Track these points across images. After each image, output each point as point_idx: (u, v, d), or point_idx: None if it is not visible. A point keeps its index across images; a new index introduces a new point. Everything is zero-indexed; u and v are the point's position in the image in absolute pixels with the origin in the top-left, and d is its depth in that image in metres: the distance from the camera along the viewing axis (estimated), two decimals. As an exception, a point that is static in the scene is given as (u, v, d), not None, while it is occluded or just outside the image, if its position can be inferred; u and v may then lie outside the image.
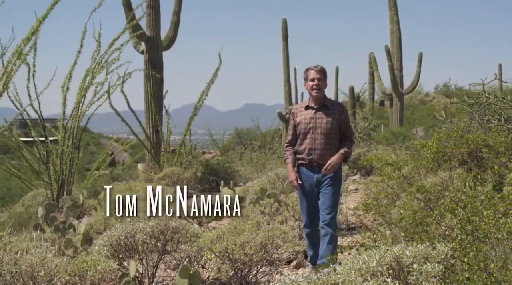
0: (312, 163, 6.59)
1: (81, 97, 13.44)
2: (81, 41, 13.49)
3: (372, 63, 32.01)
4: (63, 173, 13.30)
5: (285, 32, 27.70)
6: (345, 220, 9.34)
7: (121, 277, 6.24)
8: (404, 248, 3.94)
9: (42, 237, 8.64)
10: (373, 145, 18.01)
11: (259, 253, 6.34)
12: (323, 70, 6.63)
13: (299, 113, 6.74)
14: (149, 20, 16.88)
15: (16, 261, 4.87)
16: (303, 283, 3.72)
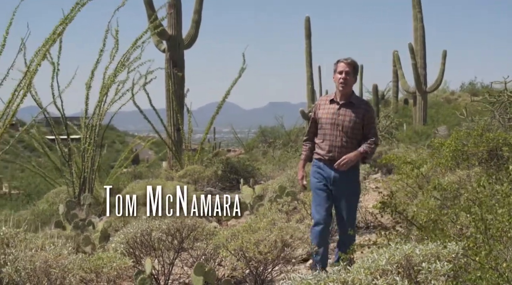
0: (331, 160, 6.17)
1: (103, 96, 13.53)
2: (104, 40, 13.57)
3: (395, 61, 31.86)
4: (85, 171, 13.39)
5: (308, 31, 27.67)
6: (363, 219, 9.31)
7: (137, 274, 6.29)
8: (414, 247, 3.93)
9: (61, 234, 8.75)
10: (395, 143, 17.93)
11: (273, 251, 6.35)
12: (353, 64, 6.20)
13: (322, 106, 6.35)
14: (170, 18, 16.95)
15: (31, 257, 4.92)
16: (312, 281, 3.71)
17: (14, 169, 36.93)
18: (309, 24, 27.68)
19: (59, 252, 5.14)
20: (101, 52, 13.48)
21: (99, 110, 13.57)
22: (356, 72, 6.29)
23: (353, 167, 6.17)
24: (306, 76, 27.60)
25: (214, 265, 6.90)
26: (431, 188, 6.04)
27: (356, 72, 6.30)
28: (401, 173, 8.37)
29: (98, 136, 13.72)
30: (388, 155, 8.66)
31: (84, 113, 13.72)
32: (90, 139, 13.43)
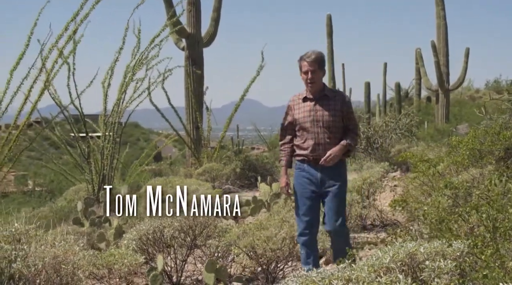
0: (316, 160, 5.72)
1: (121, 94, 13.61)
2: (123, 38, 13.65)
3: (418, 59, 31.66)
4: (104, 168, 13.49)
5: (330, 28, 27.62)
6: (379, 217, 9.30)
7: (149, 271, 6.34)
8: (419, 245, 3.92)
9: (77, 231, 8.83)
10: (414, 141, 17.84)
11: (283, 248, 6.37)
12: (317, 60, 5.76)
13: (296, 106, 5.94)
14: (189, 16, 17.01)
15: (40, 253, 4.97)
16: (317, 278, 3.72)
17: (39, 166, 37.27)
18: (330, 22, 27.62)
19: (69, 249, 5.18)
20: (120, 51, 13.57)
21: (118, 108, 13.66)
22: (322, 66, 5.86)
23: (340, 162, 5.81)
24: (328, 74, 27.51)
25: (226, 262, 6.93)
26: (443, 186, 5.99)
27: (322, 65, 5.88)
28: (417, 171, 8.32)
29: (117, 134, 13.80)
30: (404, 153, 8.60)
31: (103, 111, 13.82)
32: (109, 136, 13.52)
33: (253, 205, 10.50)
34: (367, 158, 16.97)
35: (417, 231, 5.77)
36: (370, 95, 33.46)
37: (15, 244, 5.14)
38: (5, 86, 10.29)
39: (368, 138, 17.69)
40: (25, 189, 31.52)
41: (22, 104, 10.47)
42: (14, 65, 10.36)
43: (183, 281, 6.83)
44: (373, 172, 10.65)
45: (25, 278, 4.96)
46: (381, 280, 3.55)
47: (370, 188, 9.58)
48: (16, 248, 5.01)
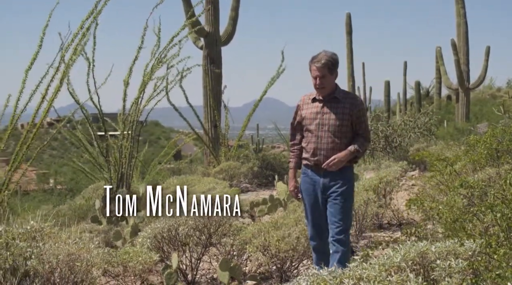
0: (317, 165, 5.52)
1: (140, 92, 13.66)
2: (142, 37, 13.69)
3: (438, 57, 31.47)
4: (123, 166, 13.54)
5: (349, 27, 27.56)
6: (396, 216, 9.28)
7: (164, 269, 6.38)
8: (430, 244, 3.91)
9: (94, 229, 8.90)
10: (433, 140, 17.77)
11: (296, 247, 6.37)
12: (327, 64, 5.44)
13: (305, 106, 5.68)
14: (208, 15, 17.05)
15: (54, 251, 5.02)
16: (328, 277, 3.72)
17: (60, 165, 37.62)
18: (350, 20, 27.56)
19: (83, 246, 5.22)
20: (139, 49, 13.61)
21: (136, 106, 13.71)
22: (333, 69, 5.53)
23: (345, 168, 5.53)
24: (347, 73, 27.46)
25: (241, 261, 6.95)
26: (458, 185, 5.96)
27: (334, 68, 5.53)
28: (433, 170, 8.30)
29: (135, 133, 13.85)
30: (420, 152, 8.58)
31: (122, 110, 13.88)
32: (127, 135, 13.57)
33: (270, 204, 10.52)
34: (385, 157, 16.94)
35: (432, 230, 5.77)
36: (389, 94, 33.38)
37: (30, 241, 5.20)
38: (21, 85, 10.38)
39: (387, 137, 17.65)
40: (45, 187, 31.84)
41: (40, 102, 10.56)
42: (28, 65, 10.44)
43: (198, 279, 6.85)
44: (390, 171, 10.61)
45: (40, 275, 5.02)
46: (391, 279, 3.55)
47: (387, 187, 9.54)
48: (31, 246, 5.07)
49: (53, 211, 13.24)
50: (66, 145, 42.33)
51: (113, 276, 6.34)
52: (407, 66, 38.46)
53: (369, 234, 8.56)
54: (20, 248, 4.97)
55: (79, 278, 5.21)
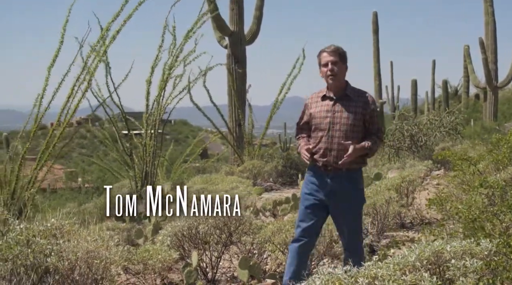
0: (326, 166, 5.14)
1: (160, 90, 13.74)
2: (162, 36, 13.75)
3: (465, 56, 31.21)
4: (147, 165, 13.63)
5: (376, 26, 27.42)
6: (418, 215, 9.22)
7: (184, 267, 6.42)
8: (445, 244, 3.89)
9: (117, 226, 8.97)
10: (459, 139, 17.62)
11: (316, 246, 6.36)
12: (338, 51, 5.18)
13: (314, 104, 5.33)
14: (232, 14, 17.08)
15: (73, 248, 5.08)
16: (342, 275, 3.72)
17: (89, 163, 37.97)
18: (376, 19, 27.43)
19: (102, 244, 5.28)
20: (160, 48, 13.68)
21: (158, 105, 13.79)
22: (344, 60, 5.25)
23: (354, 171, 5.22)
24: (374, 72, 27.35)
25: (262, 259, 6.96)
26: (477, 185, 5.91)
27: (345, 59, 5.26)
28: (456, 170, 8.23)
29: (158, 131, 13.93)
30: (443, 152, 8.50)
31: (145, 108, 13.97)
32: (150, 134, 13.66)
33: (293, 203, 10.53)
34: (410, 156, 16.81)
35: (452, 230, 5.73)
36: (416, 92, 33.19)
37: (50, 238, 5.27)
38: (44, 83, 10.50)
39: (412, 136, 17.53)
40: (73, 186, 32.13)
41: (65, 102, 10.67)
42: (51, 62, 10.56)
43: (218, 278, 6.86)
44: (414, 170, 10.56)
45: (60, 272, 5.08)
46: (406, 278, 3.54)
47: (409, 186, 9.49)
48: (51, 243, 5.14)
49: (78, 209, 13.39)
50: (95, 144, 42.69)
51: (133, 273, 6.39)
52: (435, 65, 38.20)
53: (392, 233, 8.52)
54: (41, 245, 5.03)
55: (99, 275, 5.27)
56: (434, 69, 37.77)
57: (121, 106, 13.92)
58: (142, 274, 6.30)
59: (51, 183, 33.86)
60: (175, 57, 13.65)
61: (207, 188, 11.94)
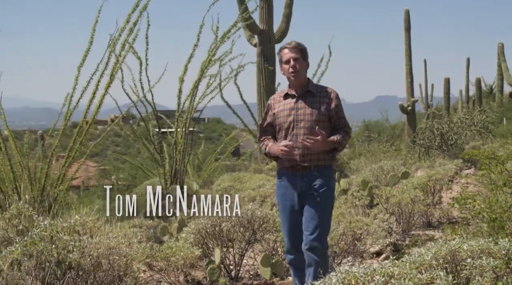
0: (294, 166, 4.97)
1: (193, 89, 13.83)
2: (198, 35, 13.84)
3: (499, 54, 30.84)
4: (176, 163, 13.73)
5: (408, 23, 27.15)
6: (445, 214, 9.18)
7: (207, 264, 6.46)
8: (462, 242, 3.88)
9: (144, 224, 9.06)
10: (490, 138, 17.46)
11: (339, 244, 6.38)
12: (299, 47, 5.05)
13: (277, 104, 5.16)
14: (262, 13, 17.11)
15: (95, 245, 5.15)
16: (359, 273, 3.73)
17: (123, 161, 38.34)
18: (408, 16, 27.16)
19: (123, 241, 5.35)
20: (195, 47, 13.78)
21: (190, 103, 13.89)
22: (305, 56, 5.11)
23: (325, 167, 5.00)
24: (405, 70, 27.06)
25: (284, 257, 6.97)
26: (501, 184, 5.88)
27: (306, 55, 5.12)
28: (484, 169, 8.17)
29: (188, 129, 14.02)
30: (470, 150, 8.45)
31: (176, 107, 14.08)
32: (181, 132, 13.76)
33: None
34: (441, 155, 16.71)
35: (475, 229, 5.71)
36: (449, 91, 32.87)
37: (73, 235, 5.35)
38: (74, 82, 10.64)
39: (442, 135, 17.41)
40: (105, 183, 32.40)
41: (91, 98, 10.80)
42: (80, 62, 10.69)
43: (242, 275, 6.89)
44: (442, 169, 10.51)
45: (82, 268, 5.16)
46: (421, 277, 3.54)
47: (436, 185, 9.44)
48: (73, 239, 5.22)
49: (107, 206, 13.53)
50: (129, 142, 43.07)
51: (156, 270, 6.46)
52: (469, 63, 37.81)
53: (417, 232, 8.49)
54: (64, 242, 5.11)
55: (122, 271, 5.34)
56: (468, 67, 37.39)
57: (153, 104, 14.07)
58: (165, 271, 6.35)
59: (84, 180, 34.29)
60: (211, 56, 13.75)
61: (234, 186, 12.01)
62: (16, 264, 5.06)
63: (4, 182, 11.18)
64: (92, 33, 10.82)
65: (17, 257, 5.04)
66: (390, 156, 18.64)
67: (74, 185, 31.30)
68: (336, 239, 6.36)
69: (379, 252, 7.33)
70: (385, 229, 7.53)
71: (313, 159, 4.93)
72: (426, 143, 17.72)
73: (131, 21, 11.25)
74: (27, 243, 5.05)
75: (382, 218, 7.77)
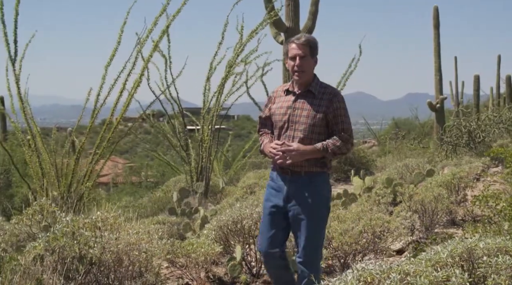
0: (284, 169, 4.63)
1: (220, 87, 13.90)
2: (222, 33, 13.91)
3: (531, 50, 30.44)
4: (202, 160, 13.81)
5: (437, 20, 26.89)
6: (470, 212, 9.11)
7: (229, 261, 6.50)
8: (478, 240, 3.87)
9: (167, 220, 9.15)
10: (518, 136, 17.31)
11: (359, 241, 6.36)
12: (309, 43, 4.62)
13: (277, 99, 4.83)
14: (288, 10, 17.00)
15: (115, 241, 5.22)
16: (375, 270, 3.74)
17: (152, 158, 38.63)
18: (437, 13, 26.90)
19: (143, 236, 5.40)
20: (220, 45, 13.85)
21: (216, 101, 13.97)
22: (314, 52, 4.69)
23: (315, 174, 4.63)
24: (434, 67, 26.78)
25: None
26: (523, 182, 5.84)
27: (315, 52, 4.70)
28: (510, 167, 8.10)
29: (214, 127, 14.09)
30: (495, 148, 8.38)
31: (202, 104, 14.16)
32: (207, 129, 13.83)
33: (344, 199, 10.52)
34: (469, 153, 16.58)
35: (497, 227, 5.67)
36: (479, 88, 32.50)
37: (95, 231, 5.42)
38: (101, 81, 10.78)
39: (470, 133, 17.27)
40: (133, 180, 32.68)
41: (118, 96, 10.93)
42: (108, 61, 10.82)
43: (263, 272, 6.91)
44: (468, 167, 10.44)
45: (103, 264, 5.23)
46: (437, 275, 3.54)
47: (461, 183, 9.37)
48: (95, 235, 5.29)
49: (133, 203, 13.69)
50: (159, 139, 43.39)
51: (178, 266, 6.50)
52: (500, 60, 37.35)
53: (441, 230, 8.44)
54: (85, 237, 5.18)
55: (143, 267, 5.41)
56: (499, 64, 36.94)
57: (178, 101, 14.18)
58: (186, 267, 6.39)
59: (114, 177, 34.64)
60: (237, 55, 13.82)
61: (259, 183, 12.05)
62: (39, 259, 5.13)
63: (32, 179, 11.37)
64: (120, 33, 10.96)
65: (39, 252, 5.12)
66: (417, 154, 18.53)
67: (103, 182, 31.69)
68: (354, 237, 6.35)
69: (401, 250, 7.31)
70: (407, 227, 7.51)
71: (304, 165, 4.57)
72: (453, 140, 17.60)
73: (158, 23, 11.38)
74: (50, 239, 5.13)
75: (405, 215, 7.75)
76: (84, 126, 12.64)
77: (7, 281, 4.68)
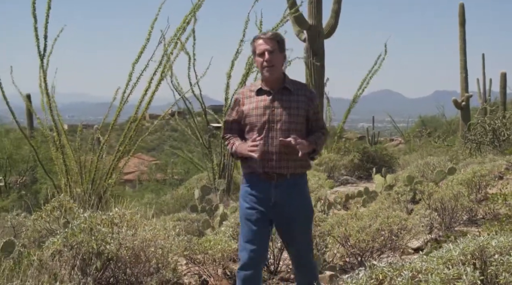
0: (268, 173, 4.40)
1: (241, 84, 13.94)
2: (243, 31, 13.95)
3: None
4: (224, 157, 13.87)
5: (462, 18, 26.68)
6: (492, 211, 9.05)
7: (246, 258, 6.52)
8: (491, 239, 3.87)
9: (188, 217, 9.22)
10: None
11: (376, 239, 6.36)
12: (276, 38, 4.47)
13: (247, 100, 4.53)
14: (311, 8, 17.02)
15: (132, 237, 5.28)
16: (386, 268, 3.75)
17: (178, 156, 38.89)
18: (463, 10, 26.68)
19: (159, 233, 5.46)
20: (241, 42, 13.88)
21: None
22: (282, 48, 4.54)
23: (300, 176, 4.54)
24: (460, 65, 26.59)
25: (324, 251, 6.98)
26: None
27: (283, 47, 4.54)
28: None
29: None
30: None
31: (224, 102, 14.22)
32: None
33: (365, 196, 10.52)
34: (493, 151, 16.45)
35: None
36: (505, 86, 32.16)
37: (113, 227, 5.49)
38: (127, 78, 10.87)
39: (495, 131, 17.12)
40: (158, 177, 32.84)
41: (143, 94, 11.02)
42: (136, 58, 10.91)
43: (281, 269, 6.93)
44: (489, 165, 10.36)
45: (118, 258, 5.30)
46: (448, 272, 3.54)
47: (482, 181, 9.30)
48: (112, 231, 5.36)
49: (156, 200, 13.80)
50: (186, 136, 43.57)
51: (195, 263, 6.55)
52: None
53: (461, 228, 8.39)
54: (102, 233, 5.25)
55: (161, 263, 5.47)
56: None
57: (201, 98, 14.26)
58: (204, 264, 6.44)
59: (139, 175, 34.86)
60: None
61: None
62: (57, 254, 5.21)
63: (57, 175, 11.50)
64: (150, 30, 11.02)
65: (58, 248, 5.20)
66: (441, 152, 18.41)
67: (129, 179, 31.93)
68: (371, 235, 6.35)
69: (420, 248, 7.29)
70: (426, 225, 7.49)
71: (290, 166, 4.42)
72: (477, 138, 17.47)
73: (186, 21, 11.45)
74: (68, 235, 5.21)
75: (423, 213, 7.72)
76: (109, 123, 12.78)
77: (25, 276, 4.76)
